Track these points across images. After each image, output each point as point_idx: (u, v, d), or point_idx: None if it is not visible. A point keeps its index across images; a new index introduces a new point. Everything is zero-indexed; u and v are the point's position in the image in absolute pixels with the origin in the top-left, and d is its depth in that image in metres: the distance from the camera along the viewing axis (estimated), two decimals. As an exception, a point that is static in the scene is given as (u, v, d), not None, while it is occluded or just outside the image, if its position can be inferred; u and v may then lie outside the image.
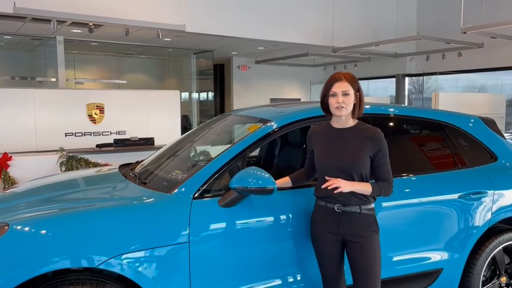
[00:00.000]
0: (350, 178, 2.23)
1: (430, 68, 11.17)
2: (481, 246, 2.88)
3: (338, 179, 2.20)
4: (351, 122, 2.33)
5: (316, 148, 2.36)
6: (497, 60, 9.94)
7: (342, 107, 2.25)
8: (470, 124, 3.16)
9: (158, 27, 7.18)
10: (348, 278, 2.35)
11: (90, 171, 3.52)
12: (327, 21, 9.55)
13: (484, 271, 2.90)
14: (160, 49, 11.09)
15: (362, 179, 2.25)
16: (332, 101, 2.28)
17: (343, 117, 2.30)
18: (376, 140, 2.27)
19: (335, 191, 2.19)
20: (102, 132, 7.04)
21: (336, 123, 2.35)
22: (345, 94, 2.25)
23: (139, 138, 6.53)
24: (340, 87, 2.26)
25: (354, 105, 2.29)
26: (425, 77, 12.03)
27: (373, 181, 2.30)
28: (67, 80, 9.13)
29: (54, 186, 2.93)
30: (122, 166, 3.27)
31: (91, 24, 6.73)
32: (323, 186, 2.22)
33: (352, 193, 2.24)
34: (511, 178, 3.05)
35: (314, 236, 2.37)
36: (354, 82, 2.29)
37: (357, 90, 2.29)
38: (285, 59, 11.81)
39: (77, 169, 5.48)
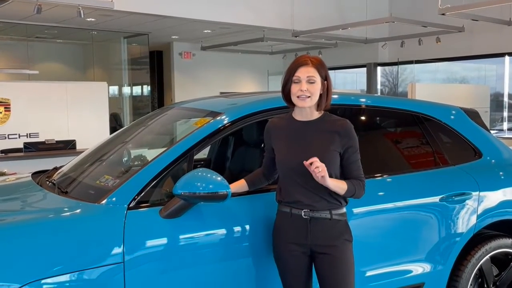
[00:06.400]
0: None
1: (405, 56, 11.62)
2: (466, 256, 3.02)
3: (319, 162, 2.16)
4: (316, 114, 2.39)
5: (276, 146, 2.41)
6: (479, 47, 10.50)
7: (306, 96, 2.29)
8: (452, 117, 3.33)
9: (78, 4, 7.01)
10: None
11: (-6, 181, 3.40)
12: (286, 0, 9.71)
13: (470, 284, 3.04)
14: (81, 32, 10.86)
15: None
16: (294, 89, 2.32)
17: (307, 108, 2.35)
18: (346, 134, 2.34)
19: (320, 177, 2.16)
20: (8, 135, 6.91)
21: (298, 115, 2.40)
22: (311, 81, 2.30)
23: (57, 141, 6.54)
24: (305, 72, 2.30)
25: (321, 95, 2.34)
26: (400, 67, 12.50)
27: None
28: (-40, 69, 8.76)
29: None
30: (36, 174, 3.20)
31: (-8, -2, 6.47)
32: (306, 163, 2.18)
33: (322, 196, 2.30)
34: (497, 177, 3.24)
35: (277, 250, 2.40)
36: (322, 68, 2.34)
37: (325, 78, 2.35)
38: (237, 45, 11.89)
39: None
